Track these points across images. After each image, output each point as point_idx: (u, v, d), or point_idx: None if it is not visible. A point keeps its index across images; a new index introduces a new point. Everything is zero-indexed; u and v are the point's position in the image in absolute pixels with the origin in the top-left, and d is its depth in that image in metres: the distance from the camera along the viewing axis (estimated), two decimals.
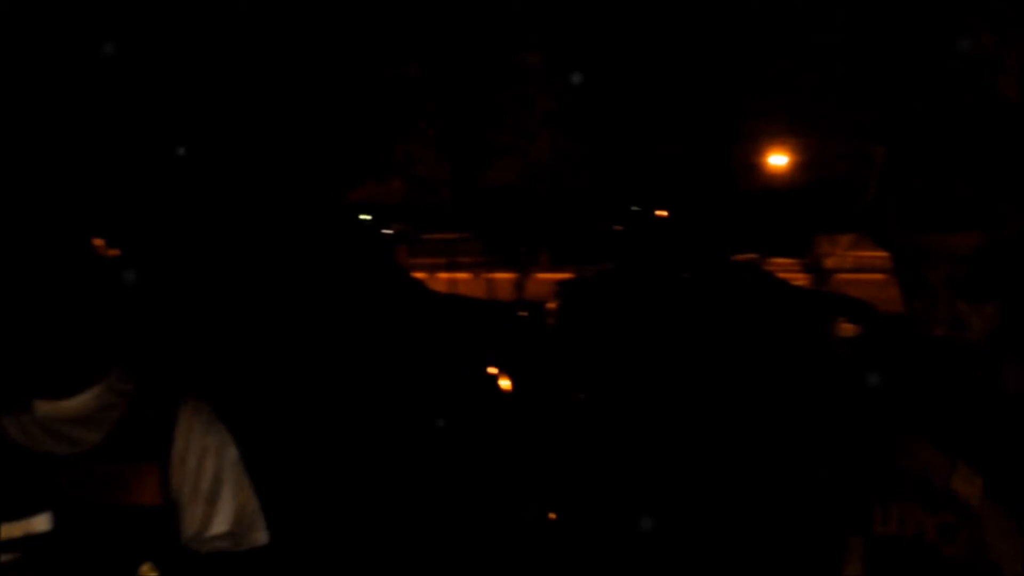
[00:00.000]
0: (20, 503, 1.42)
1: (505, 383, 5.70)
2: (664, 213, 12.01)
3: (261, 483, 1.59)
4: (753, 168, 14.74)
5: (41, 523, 1.41)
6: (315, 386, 4.33)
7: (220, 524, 1.54)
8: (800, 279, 11.93)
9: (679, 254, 9.05)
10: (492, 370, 5.72)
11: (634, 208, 12.53)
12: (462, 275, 14.41)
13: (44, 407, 1.47)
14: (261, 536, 1.57)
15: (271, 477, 1.69)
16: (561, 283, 8.81)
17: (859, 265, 11.94)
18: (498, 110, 13.92)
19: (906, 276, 1.32)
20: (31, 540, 1.41)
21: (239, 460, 1.58)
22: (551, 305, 8.08)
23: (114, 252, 1.50)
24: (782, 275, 10.28)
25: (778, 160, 15.09)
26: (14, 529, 1.41)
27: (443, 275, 13.60)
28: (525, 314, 8.47)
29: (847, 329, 6.58)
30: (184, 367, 1.62)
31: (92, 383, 1.47)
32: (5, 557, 1.39)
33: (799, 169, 14.76)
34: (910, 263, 1.31)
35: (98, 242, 1.53)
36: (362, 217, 10.25)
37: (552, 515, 4.46)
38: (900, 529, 1.38)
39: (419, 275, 9.45)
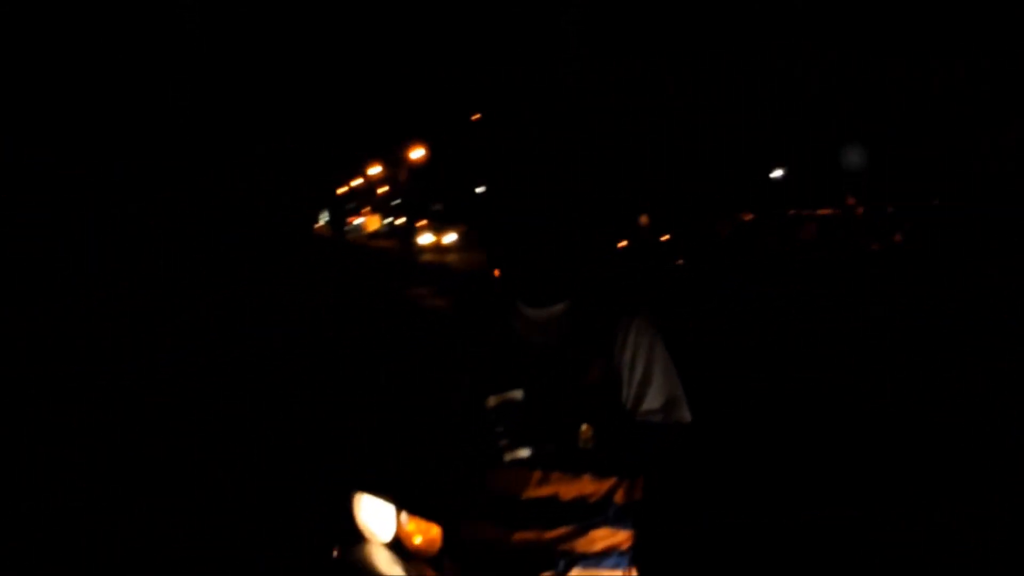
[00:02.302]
0: (505, 380, 2.06)
1: None
2: None
3: (684, 376, 2.08)
4: None
5: (517, 394, 2.03)
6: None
7: (651, 402, 2.06)
8: None
9: None
10: None
11: None
12: None
13: (534, 312, 2.12)
14: (685, 415, 2.07)
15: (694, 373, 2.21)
16: None
17: None
18: None
19: None
20: (508, 405, 2.03)
21: (666, 355, 2.08)
22: None
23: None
24: None
25: None
26: (497, 399, 2.05)
27: None
28: None
29: None
30: (627, 293, 2.15)
31: (564, 299, 2.11)
32: (491, 418, 2.03)
33: None
34: None
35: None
36: None
37: None
38: None
39: None
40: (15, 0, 13.23)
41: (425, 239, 35.55)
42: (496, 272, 2.16)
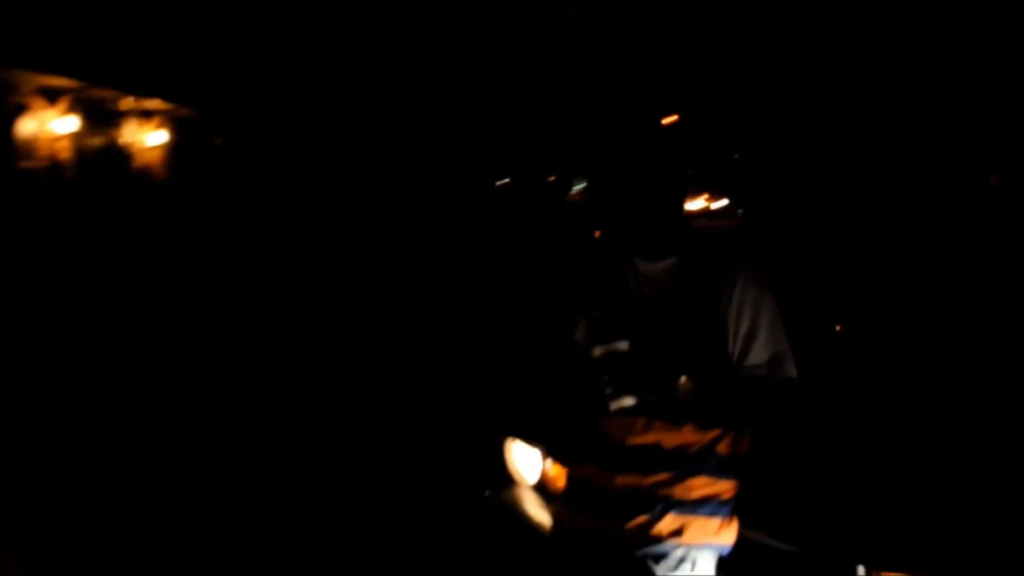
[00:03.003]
0: (613, 331, 2.16)
1: None
2: None
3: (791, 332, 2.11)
4: None
5: (623, 345, 2.13)
6: None
7: (756, 356, 2.09)
8: None
9: None
10: None
11: None
12: None
13: (645, 266, 2.21)
14: (791, 370, 2.10)
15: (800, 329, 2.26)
16: None
17: None
18: None
19: None
20: (613, 356, 2.13)
21: (775, 311, 2.12)
22: None
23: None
24: None
25: None
26: (602, 349, 2.15)
27: None
28: None
29: None
30: (731, 250, 2.23)
31: (672, 254, 2.20)
32: (598, 368, 2.13)
33: None
34: None
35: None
36: None
37: None
38: None
39: None
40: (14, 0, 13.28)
41: (694, 204, 35.18)
42: (597, 233, 2.26)
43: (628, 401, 2.09)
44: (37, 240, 12.48)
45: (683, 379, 2.04)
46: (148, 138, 19.05)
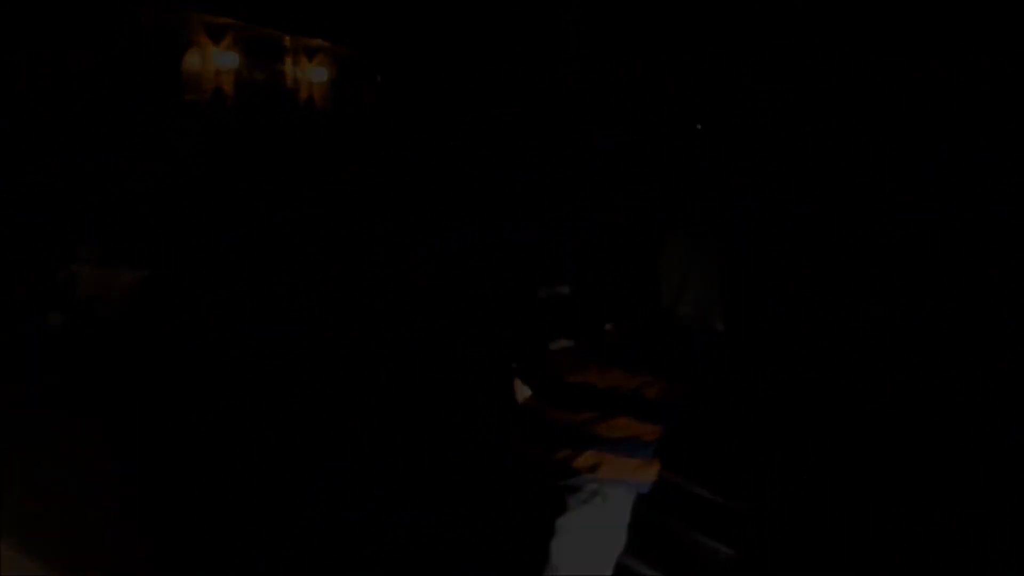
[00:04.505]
0: (556, 276, 2.28)
1: None
2: None
3: (725, 288, 2.33)
4: None
5: (564, 289, 2.27)
6: None
7: (686, 307, 2.37)
8: None
9: None
10: None
11: None
12: None
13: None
14: (719, 324, 2.43)
15: (733, 287, 2.43)
16: None
17: None
18: None
19: None
20: (555, 298, 2.27)
21: (707, 268, 2.32)
22: None
23: None
24: None
25: None
26: (546, 291, 2.29)
27: None
28: None
29: None
30: (671, 213, 2.43)
31: (613, 212, 2.49)
32: (540, 308, 2.31)
33: None
34: None
35: None
36: None
37: None
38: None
39: None
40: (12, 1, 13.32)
41: None
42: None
43: (565, 342, 2.27)
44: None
45: (609, 325, 2.22)
46: (309, 74, 19.85)
